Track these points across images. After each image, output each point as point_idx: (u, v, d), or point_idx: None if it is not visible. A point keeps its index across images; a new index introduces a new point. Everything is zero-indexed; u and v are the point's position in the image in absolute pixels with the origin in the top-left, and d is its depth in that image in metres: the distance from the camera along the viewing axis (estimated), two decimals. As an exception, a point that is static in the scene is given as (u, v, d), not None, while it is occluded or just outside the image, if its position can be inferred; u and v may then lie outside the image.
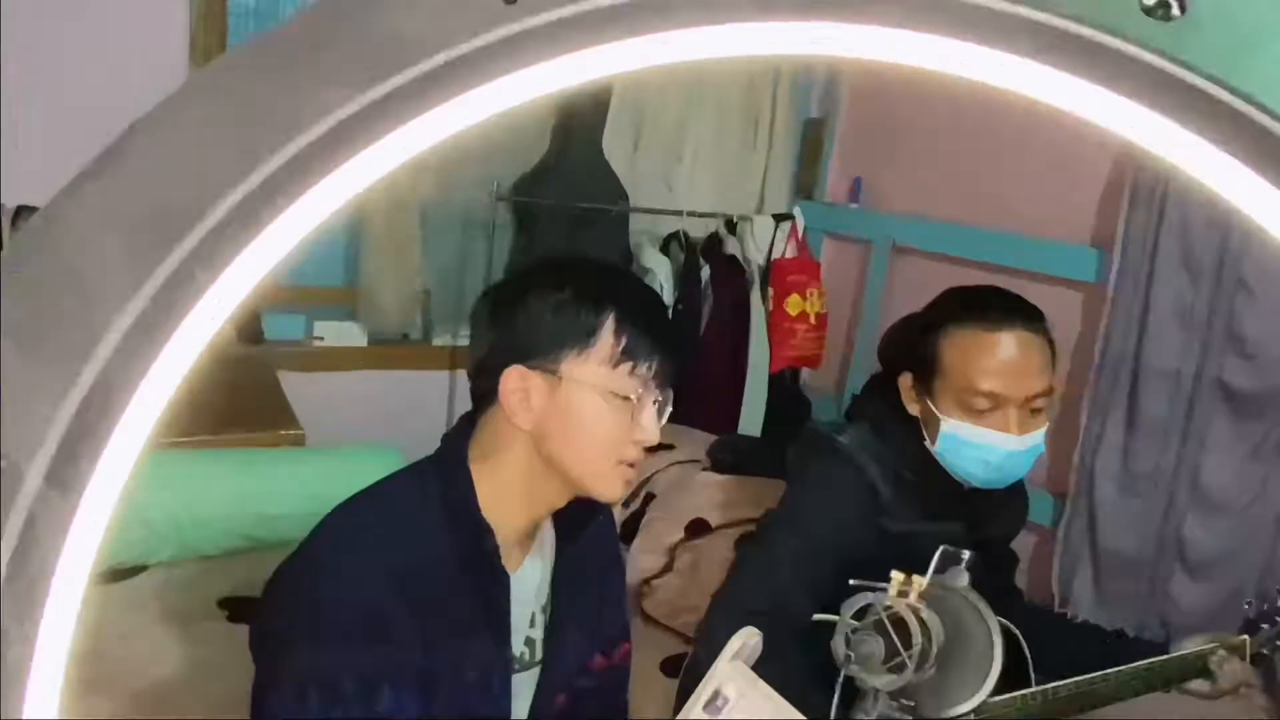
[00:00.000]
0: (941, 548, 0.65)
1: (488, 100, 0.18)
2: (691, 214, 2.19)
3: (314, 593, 0.69)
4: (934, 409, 0.95)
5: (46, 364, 0.14)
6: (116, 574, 1.37)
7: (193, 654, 1.24)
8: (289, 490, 1.50)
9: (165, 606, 1.35)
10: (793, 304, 2.27)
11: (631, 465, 0.76)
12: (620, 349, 0.73)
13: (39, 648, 0.14)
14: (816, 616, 0.72)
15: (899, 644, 0.56)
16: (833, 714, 0.66)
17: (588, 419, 0.73)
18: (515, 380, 0.73)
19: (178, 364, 0.16)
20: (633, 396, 0.73)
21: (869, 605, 0.61)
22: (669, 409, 0.78)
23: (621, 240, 2.24)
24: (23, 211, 1.57)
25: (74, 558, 0.14)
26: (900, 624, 0.57)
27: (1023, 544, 1.83)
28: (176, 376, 0.15)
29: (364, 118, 0.17)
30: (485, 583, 0.73)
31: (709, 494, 1.62)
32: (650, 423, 0.75)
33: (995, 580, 1.10)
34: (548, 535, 0.84)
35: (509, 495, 0.76)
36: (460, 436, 0.78)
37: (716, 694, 0.22)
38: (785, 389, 2.39)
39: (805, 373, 2.52)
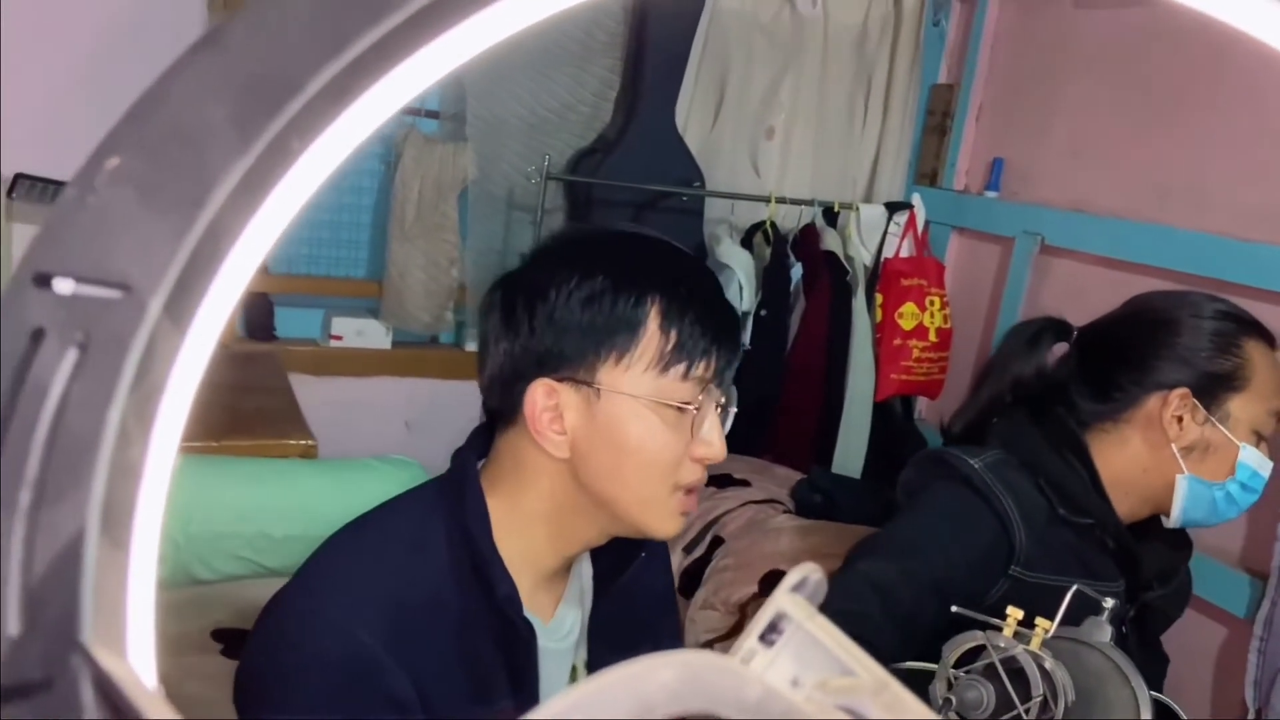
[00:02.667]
0: (1074, 587, 0.65)
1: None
2: (781, 200, 2.23)
3: (296, 642, 0.68)
4: (1228, 434, 1.00)
5: (165, 211, 0.20)
6: (100, 595, 1.48)
7: (181, 690, 1.33)
8: (297, 508, 1.60)
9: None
10: (907, 315, 2.28)
11: (690, 492, 0.75)
12: (670, 348, 0.72)
13: (149, 455, 0.19)
14: (906, 664, 0.73)
15: (1014, 696, 0.58)
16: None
17: (635, 438, 0.72)
18: (542, 397, 0.72)
19: (275, 219, 0.21)
20: (691, 405, 0.72)
21: (981, 649, 0.63)
22: (733, 412, 0.78)
23: (695, 230, 2.30)
24: (19, 180, 1.74)
25: (180, 383, 0.20)
26: (1018, 673, 0.59)
27: (1208, 638, 1.78)
28: (273, 231, 0.21)
29: (441, 6, 0.22)
30: (507, 637, 0.72)
31: (790, 541, 1.64)
32: (715, 434, 0.75)
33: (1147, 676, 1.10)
34: (585, 573, 0.84)
35: (535, 532, 0.75)
36: (474, 455, 0.77)
37: (773, 625, 0.26)
38: (894, 422, 2.39)
39: (921, 403, 2.51)
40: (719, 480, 1.87)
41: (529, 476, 0.75)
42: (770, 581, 1.58)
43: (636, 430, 0.72)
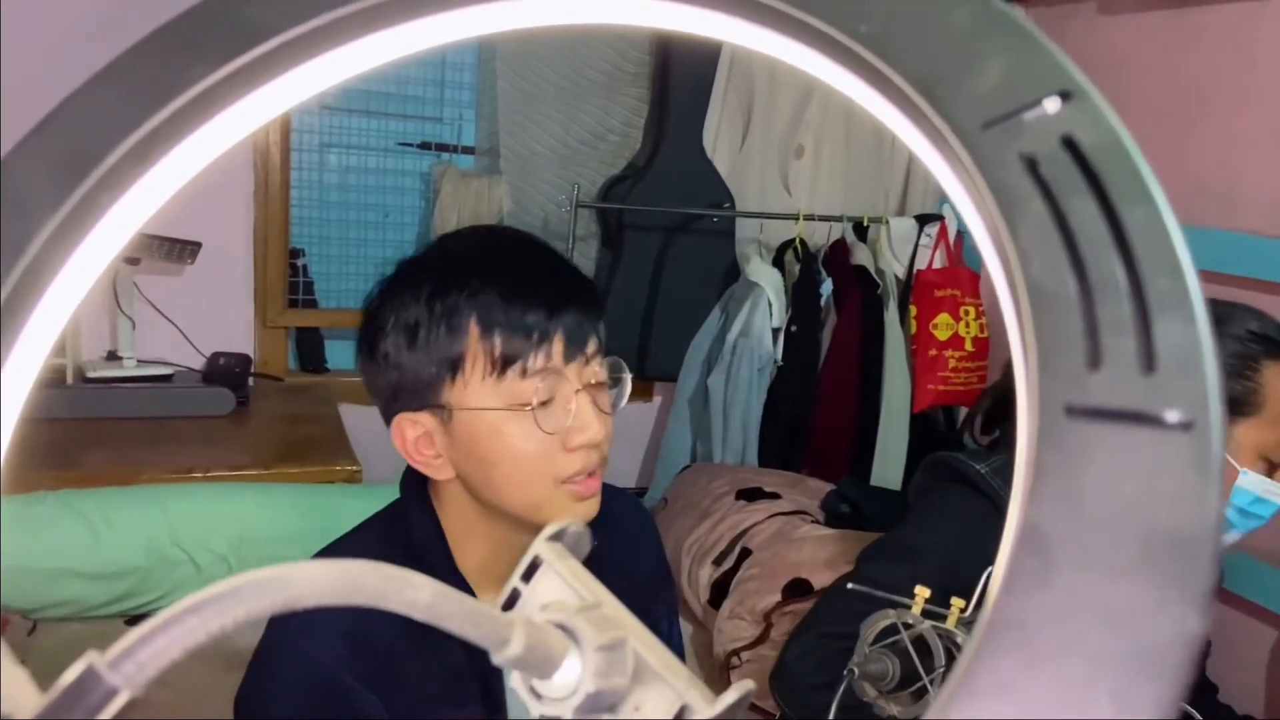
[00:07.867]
0: (989, 570, 0.67)
1: (320, 76, 0.29)
2: (810, 217, 2.26)
3: (267, 671, 0.71)
4: (1229, 458, 0.98)
5: (-3, 256, 0.26)
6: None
7: (228, 708, 1.42)
8: (340, 530, 1.68)
9: (203, 652, 1.55)
10: (942, 325, 2.27)
11: (590, 475, 0.73)
12: (498, 354, 0.70)
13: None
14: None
15: (920, 668, 0.60)
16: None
17: (495, 449, 0.71)
18: (407, 429, 0.74)
19: (87, 263, 0.27)
20: (533, 401, 0.70)
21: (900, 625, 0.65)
22: (627, 380, 0.75)
23: (726, 250, 2.34)
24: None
25: (6, 394, 0.26)
26: (924, 648, 0.61)
27: (1256, 639, 1.72)
28: (88, 274, 0.27)
29: (222, 87, 0.28)
30: (471, 645, 0.75)
31: (813, 549, 1.66)
32: (584, 417, 0.71)
33: None
34: None
35: (476, 542, 0.77)
36: (420, 474, 0.78)
37: (531, 567, 0.31)
38: (935, 434, 2.37)
39: (963, 414, 2.48)
40: (749, 494, 1.89)
41: (442, 497, 0.78)
42: (792, 589, 1.60)
43: (494, 441, 0.71)
